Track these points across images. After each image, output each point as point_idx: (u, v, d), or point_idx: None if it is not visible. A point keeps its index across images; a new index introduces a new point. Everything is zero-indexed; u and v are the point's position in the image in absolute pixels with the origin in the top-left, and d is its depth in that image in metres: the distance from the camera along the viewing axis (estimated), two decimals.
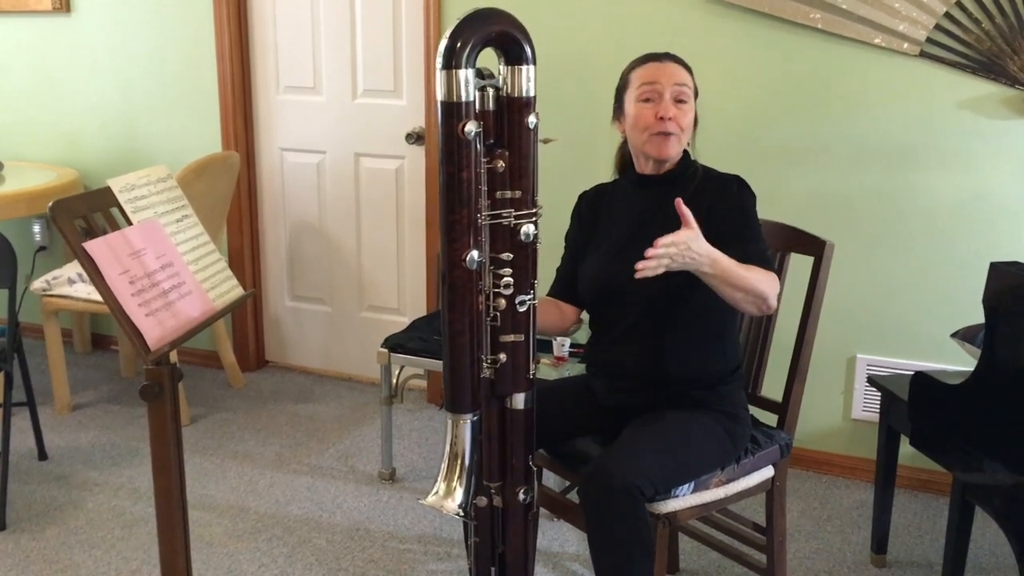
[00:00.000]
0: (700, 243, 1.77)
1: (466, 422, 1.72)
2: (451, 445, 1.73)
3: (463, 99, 1.58)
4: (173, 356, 1.93)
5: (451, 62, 1.57)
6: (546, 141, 1.77)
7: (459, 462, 1.73)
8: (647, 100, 1.98)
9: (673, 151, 1.99)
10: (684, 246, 1.73)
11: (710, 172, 2.05)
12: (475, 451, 1.75)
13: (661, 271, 1.73)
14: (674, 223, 1.97)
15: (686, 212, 1.78)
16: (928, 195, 2.86)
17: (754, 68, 2.95)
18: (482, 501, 1.87)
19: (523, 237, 1.71)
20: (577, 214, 2.19)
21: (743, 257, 1.87)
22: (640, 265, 1.71)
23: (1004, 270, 1.97)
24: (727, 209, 1.96)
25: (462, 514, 1.73)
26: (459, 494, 1.72)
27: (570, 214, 2.22)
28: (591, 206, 2.16)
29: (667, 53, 2.04)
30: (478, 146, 1.65)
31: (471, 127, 1.59)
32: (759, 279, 1.86)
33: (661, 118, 1.96)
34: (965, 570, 2.22)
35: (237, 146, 3.74)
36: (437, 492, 1.74)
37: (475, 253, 1.65)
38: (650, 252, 1.71)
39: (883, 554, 2.59)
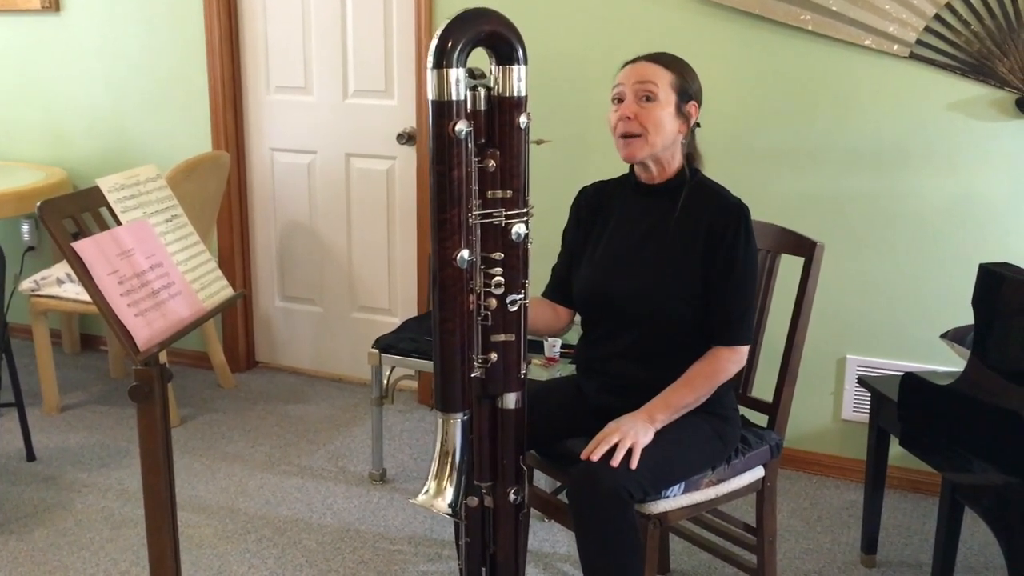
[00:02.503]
0: (636, 427, 1.87)
1: (456, 421, 1.72)
2: (441, 444, 1.73)
3: (454, 98, 1.58)
4: (162, 357, 1.92)
5: (442, 61, 1.57)
6: (539, 142, 1.77)
7: (449, 461, 1.73)
8: (617, 102, 1.99)
9: (639, 152, 1.96)
10: (625, 441, 1.85)
11: (709, 185, 2.02)
12: (466, 450, 1.75)
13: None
14: (667, 245, 1.98)
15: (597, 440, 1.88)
16: (918, 196, 2.87)
17: (744, 69, 2.96)
18: (473, 501, 1.86)
19: (514, 237, 1.71)
20: (576, 210, 2.17)
21: (720, 325, 1.97)
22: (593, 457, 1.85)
23: (993, 271, 1.97)
24: (722, 251, 1.94)
25: (452, 513, 1.72)
26: (449, 493, 1.72)
27: (560, 213, 2.21)
28: (590, 204, 2.14)
29: (648, 54, 2.00)
30: (469, 145, 1.65)
31: (461, 126, 1.59)
32: (711, 383, 1.97)
33: (621, 119, 1.96)
34: (954, 570, 2.23)
35: (227, 146, 3.73)
36: (427, 491, 1.74)
37: (465, 252, 1.65)
38: (594, 457, 1.84)
39: (873, 554, 2.60)
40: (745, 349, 1.99)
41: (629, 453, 1.84)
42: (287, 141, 3.76)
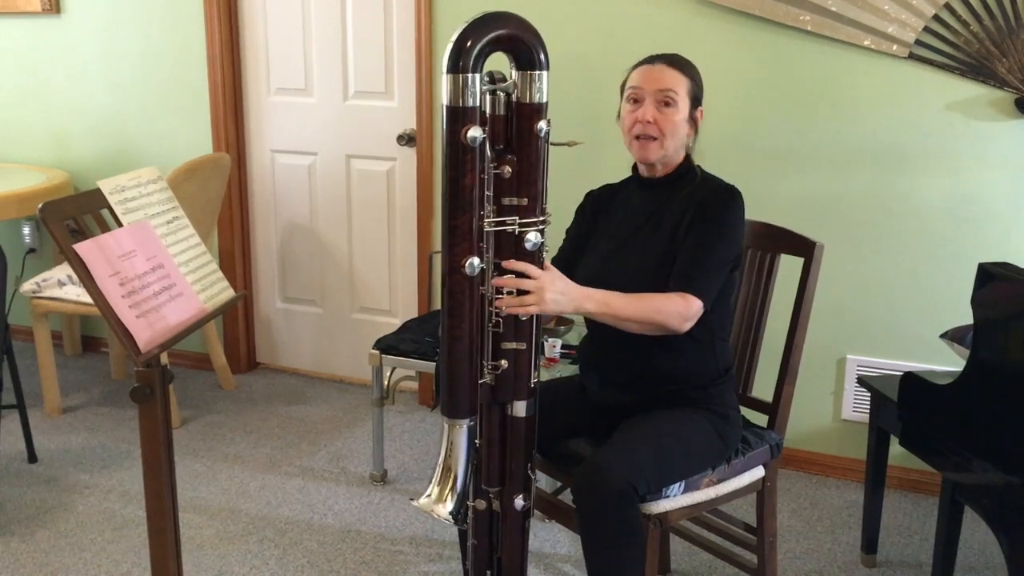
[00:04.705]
0: (554, 294, 1.75)
1: (462, 428, 1.72)
2: (446, 450, 1.73)
3: (468, 104, 1.55)
4: (164, 358, 1.92)
5: (457, 65, 1.54)
6: (570, 144, 1.76)
7: (453, 468, 1.73)
8: (633, 102, 2.00)
9: (653, 155, 1.99)
10: (529, 301, 1.72)
11: (709, 178, 2.04)
12: (470, 457, 1.74)
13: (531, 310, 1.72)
14: (663, 228, 1.99)
15: (521, 265, 1.73)
16: (917, 196, 2.87)
17: (744, 70, 2.96)
18: (481, 505, 1.86)
19: (527, 245, 1.69)
20: (581, 211, 2.20)
21: (679, 270, 1.93)
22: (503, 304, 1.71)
23: (993, 271, 1.98)
24: (703, 217, 1.96)
25: (452, 520, 1.72)
26: (450, 500, 1.72)
27: (569, 215, 2.22)
28: (596, 205, 2.17)
29: (665, 55, 2.03)
30: (487, 152, 1.62)
31: (474, 133, 1.56)
32: (652, 309, 1.87)
33: (639, 122, 1.98)
34: (955, 570, 2.23)
35: (228, 147, 3.74)
36: (429, 496, 1.74)
37: (475, 260, 1.63)
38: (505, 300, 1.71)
39: (873, 554, 2.60)
40: (696, 304, 1.91)
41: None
42: (288, 143, 3.76)
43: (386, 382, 2.99)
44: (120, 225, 1.80)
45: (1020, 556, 1.92)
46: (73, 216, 1.73)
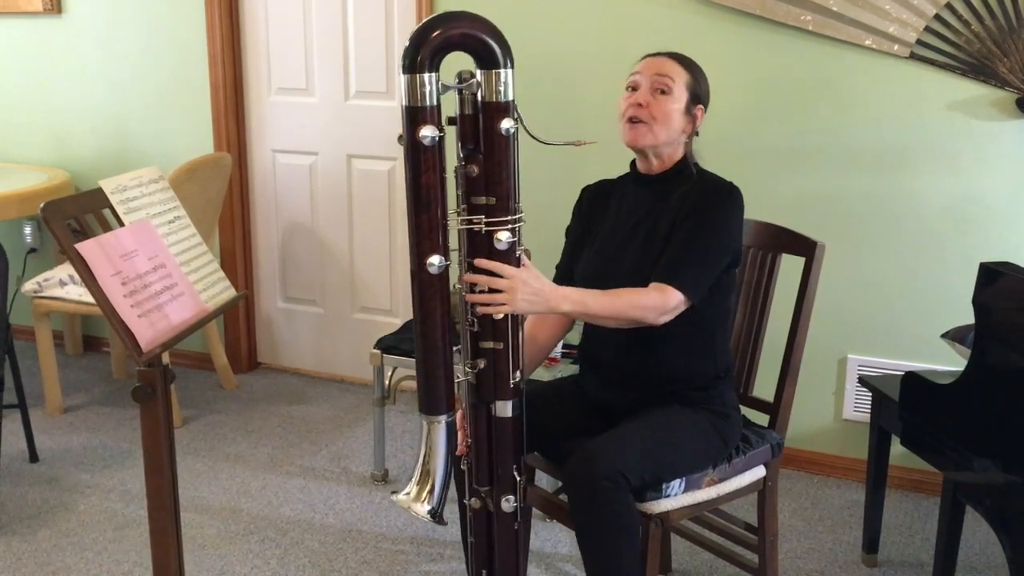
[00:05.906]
0: (527, 294, 1.73)
1: (440, 424, 1.72)
2: (425, 450, 1.74)
3: (425, 104, 1.57)
4: (165, 358, 1.92)
5: (413, 65, 1.55)
6: (578, 143, 1.75)
7: (431, 468, 1.74)
8: (631, 90, 2.00)
9: (643, 140, 1.97)
10: (500, 300, 1.71)
11: (707, 175, 2.03)
12: (451, 455, 1.75)
13: (503, 310, 1.72)
14: (659, 227, 1.98)
15: (492, 265, 1.72)
16: (918, 196, 2.87)
17: (745, 70, 2.96)
18: (476, 503, 1.87)
19: (498, 244, 1.69)
20: (578, 208, 2.19)
21: (663, 263, 1.91)
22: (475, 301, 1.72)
23: (994, 270, 1.98)
24: (695, 212, 1.94)
25: (432, 518, 1.73)
26: (427, 502, 1.73)
27: (557, 214, 2.22)
28: (592, 200, 2.16)
29: (669, 51, 2.03)
30: (458, 151, 1.64)
31: (425, 132, 1.58)
32: (627, 305, 1.86)
33: (632, 105, 1.97)
34: (956, 569, 2.23)
35: (229, 147, 3.74)
36: (408, 493, 1.75)
37: (437, 258, 1.64)
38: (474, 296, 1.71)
39: (874, 554, 2.60)
40: (675, 297, 1.88)
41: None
42: (289, 142, 3.77)
43: (387, 382, 2.99)
44: (122, 225, 1.81)
45: (1022, 556, 1.92)
46: (75, 216, 1.74)
